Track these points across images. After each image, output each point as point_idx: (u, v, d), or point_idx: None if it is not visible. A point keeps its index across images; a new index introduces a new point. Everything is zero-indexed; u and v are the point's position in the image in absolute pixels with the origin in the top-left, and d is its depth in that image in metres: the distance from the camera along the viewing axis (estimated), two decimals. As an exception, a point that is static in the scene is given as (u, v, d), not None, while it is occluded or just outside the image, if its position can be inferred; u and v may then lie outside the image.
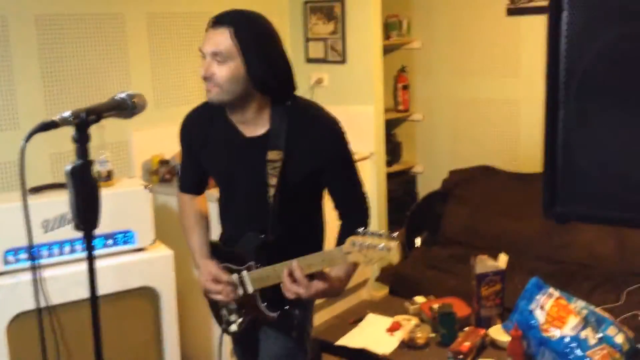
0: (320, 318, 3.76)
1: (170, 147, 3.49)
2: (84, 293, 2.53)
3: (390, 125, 4.71)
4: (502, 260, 2.85)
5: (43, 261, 2.65)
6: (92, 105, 1.46)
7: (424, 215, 4.38)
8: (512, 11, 4.29)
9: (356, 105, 4.19)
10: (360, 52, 4.15)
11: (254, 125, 1.98)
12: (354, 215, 2.10)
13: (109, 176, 2.89)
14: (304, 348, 2.19)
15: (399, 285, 3.69)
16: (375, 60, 4.17)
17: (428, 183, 4.73)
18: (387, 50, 4.57)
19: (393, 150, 4.66)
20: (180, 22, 3.75)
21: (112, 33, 3.47)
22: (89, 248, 1.42)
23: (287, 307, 2.06)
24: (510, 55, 4.39)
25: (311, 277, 1.93)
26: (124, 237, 2.84)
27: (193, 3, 3.77)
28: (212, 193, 2.34)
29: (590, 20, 1.48)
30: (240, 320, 2.15)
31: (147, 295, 2.89)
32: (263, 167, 1.95)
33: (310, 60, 4.36)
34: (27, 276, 2.55)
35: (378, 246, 1.77)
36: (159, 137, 3.59)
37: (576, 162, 1.54)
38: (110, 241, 2.81)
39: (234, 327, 2.18)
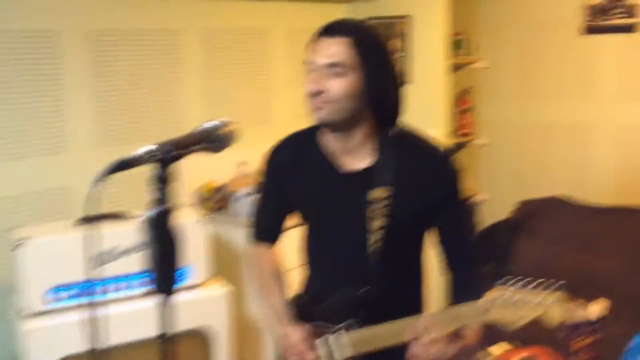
0: None
1: (221, 173, 3.28)
2: (134, 334, 2.36)
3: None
4: (595, 308, 2.53)
5: (91, 299, 2.43)
6: (178, 138, 1.20)
7: (488, 246, 4.08)
8: (591, 30, 3.98)
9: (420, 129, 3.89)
10: (426, 72, 3.85)
11: (355, 156, 1.71)
12: (466, 266, 1.78)
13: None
14: None
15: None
16: (441, 81, 3.88)
17: (490, 212, 4.41)
18: (452, 70, 4.28)
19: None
20: (236, 38, 3.52)
21: (166, 49, 3.26)
22: (165, 313, 1.18)
23: None
24: (582, 76, 4.08)
25: None
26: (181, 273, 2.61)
27: (250, 18, 3.50)
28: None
29: None
30: None
31: (199, 338, 2.64)
32: (363, 210, 1.68)
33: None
34: (74, 316, 2.36)
35: (532, 301, 1.50)
36: (209, 162, 3.29)
37: None
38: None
39: None
